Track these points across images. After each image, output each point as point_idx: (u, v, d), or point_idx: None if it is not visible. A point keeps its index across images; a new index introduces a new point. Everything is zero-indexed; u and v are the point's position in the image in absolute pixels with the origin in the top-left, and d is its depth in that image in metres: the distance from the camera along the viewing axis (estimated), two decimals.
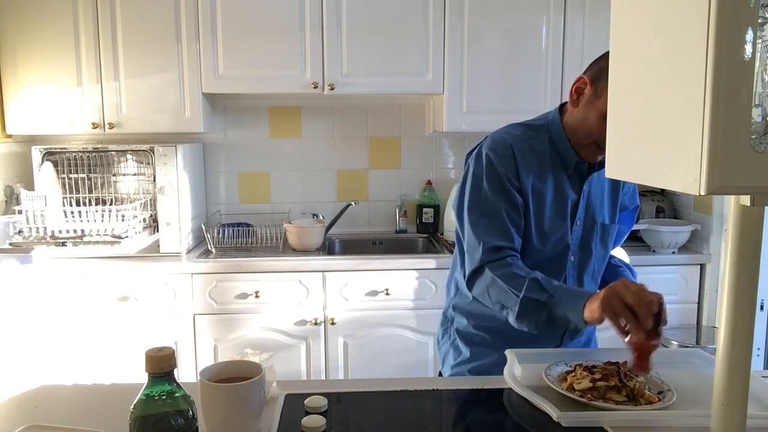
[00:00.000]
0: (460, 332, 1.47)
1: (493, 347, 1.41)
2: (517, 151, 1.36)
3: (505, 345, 1.31)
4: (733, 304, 0.84)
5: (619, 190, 1.45)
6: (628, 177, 0.89)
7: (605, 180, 1.40)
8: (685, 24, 0.72)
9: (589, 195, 1.39)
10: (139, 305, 2.50)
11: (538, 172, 1.36)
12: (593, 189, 1.40)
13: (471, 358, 1.44)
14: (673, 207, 2.94)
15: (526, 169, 1.35)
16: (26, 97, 2.61)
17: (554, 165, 1.37)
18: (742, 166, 0.69)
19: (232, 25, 2.61)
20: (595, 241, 1.41)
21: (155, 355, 0.78)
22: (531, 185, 1.35)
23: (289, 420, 1.04)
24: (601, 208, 1.41)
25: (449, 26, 2.67)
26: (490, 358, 1.41)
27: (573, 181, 1.38)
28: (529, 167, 1.36)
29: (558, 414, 1.03)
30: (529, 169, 1.35)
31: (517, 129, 1.41)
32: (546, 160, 1.37)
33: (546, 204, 1.36)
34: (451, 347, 1.48)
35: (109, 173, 2.67)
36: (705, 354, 1.32)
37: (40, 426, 1.00)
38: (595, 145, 1.30)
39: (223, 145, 3.04)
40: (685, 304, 2.65)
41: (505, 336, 1.38)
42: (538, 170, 1.36)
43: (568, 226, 1.38)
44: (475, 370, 1.42)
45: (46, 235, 2.41)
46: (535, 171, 1.36)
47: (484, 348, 1.43)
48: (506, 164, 1.34)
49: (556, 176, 1.37)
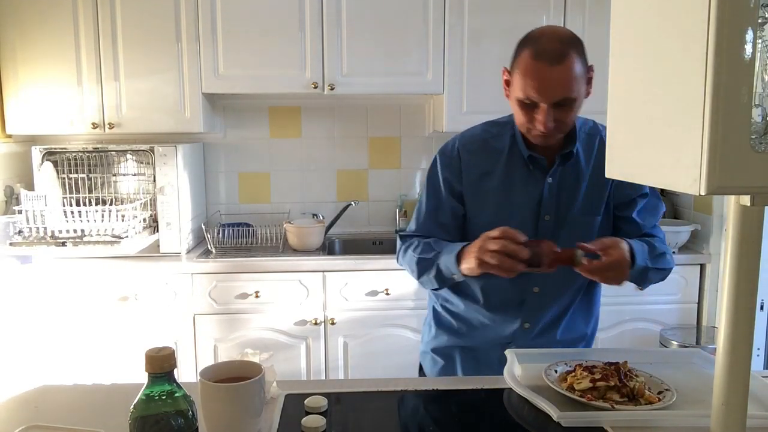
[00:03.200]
0: (434, 311, 1.52)
1: (457, 333, 1.46)
2: (466, 152, 1.40)
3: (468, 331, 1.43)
4: (733, 304, 0.84)
5: (606, 182, 1.39)
6: (629, 177, 0.89)
7: (584, 172, 1.37)
8: (685, 24, 0.72)
9: (558, 188, 1.36)
10: (139, 305, 2.50)
11: (490, 170, 1.38)
12: (565, 182, 1.36)
13: (436, 337, 1.50)
14: (673, 207, 2.94)
15: (472, 170, 1.39)
16: (26, 97, 2.61)
17: (515, 161, 1.37)
18: (742, 166, 0.69)
19: (232, 25, 2.61)
20: (572, 235, 1.35)
21: (155, 355, 0.78)
22: (478, 184, 1.38)
23: (289, 420, 1.04)
24: (575, 201, 1.37)
25: (449, 26, 2.67)
26: (451, 341, 1.47)
27: (536, 176, 1.36)
28: (478, 167, 1.39)
29: (558, 414, 1.03)
30: (477, 169, 1.39)
31: (480, 128, 1.44)
32: (503, 158, 1.38)
33: (496, 201, 1.36)
34: (426, 325, 1.56)
35: (109, 173, 2.68)
36: (705, 354, 1.32)
37: (40, 426, 1.00)
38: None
39: (223, 145, 3.04)
40: (685, 304, 2.65)
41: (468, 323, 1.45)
42: (491, 168, 1.38)
43: (529, 221, 1.36)
44: (437, 350, 1.49)
45: (46, 235, 2.41)
46: (487, 170, 1.38)
47: (448, 331, 1.48)
48: (448, 168, 1.41)
49: (517, 172, 1.37)
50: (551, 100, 1.22)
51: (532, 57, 1.20)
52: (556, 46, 1.20)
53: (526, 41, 1.25)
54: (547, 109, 1.22)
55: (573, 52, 1.20)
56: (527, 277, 1.36)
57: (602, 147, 1.36)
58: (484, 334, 1.44)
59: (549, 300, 1.40)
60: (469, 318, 1.45)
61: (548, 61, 1.19)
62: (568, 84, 1.20)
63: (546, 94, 1.21)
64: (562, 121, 1.25)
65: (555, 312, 1.42)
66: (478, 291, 1.42)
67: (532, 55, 1.20)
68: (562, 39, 1.22)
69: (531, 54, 1.21)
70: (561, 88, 1.21)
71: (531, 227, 1.36)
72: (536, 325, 1.41)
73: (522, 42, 1.26)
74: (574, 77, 1.20)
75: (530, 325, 1.41)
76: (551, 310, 1.41)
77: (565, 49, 1.19)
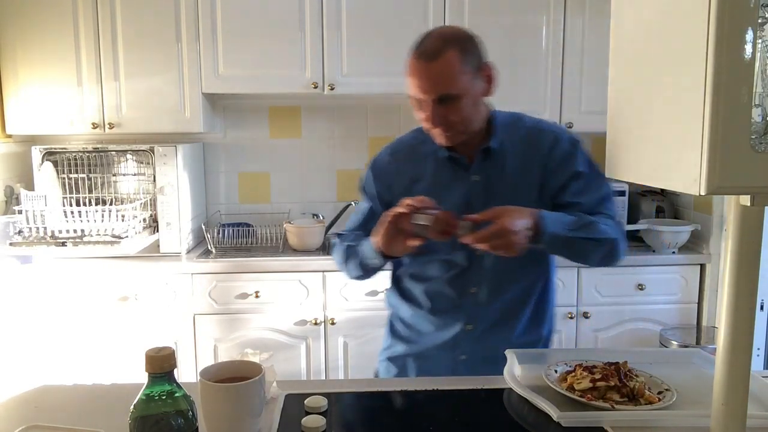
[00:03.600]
0: (390, 321, 1.53)
1: (408, 341, 1.46)
2: (395, 161, 1.43)
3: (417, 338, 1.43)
4: (733, 304, 0.84)
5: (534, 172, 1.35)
6: (629, 177, 0.89)
7: (511, 165, 1.35)
8: (685, 24, 0.72)
9: (486, 185, 1.35)
10: (139, 305, 2.50)
11: (420, 175, 1.39)
12: (492, 178, 1.35)
13: (390, 346, 1.50)
14: (673, 207, 2.94)
15: (403, 177, 1.40)
16: (26, 97, 2.61)
17: (442, 163, 1.37)
18: (742, 166, 0.69)
19: (232, 25, 2.61)
20: None
21: (155, 355, 0.78)
22: (409, 190, 1.36)
23: (289, 420, 1.04)
24: (503, 195, 1.33)
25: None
26: (403, 349, 1.46)
27: (462, 176, 1.36)
28: (408, 173, 1.40)
29: (558, 414, 1.03)
30: (407, 176, 1.40)
31: (409, 134, 1.46)
32: (431, 161, 1.38)
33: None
34: (384, 335, 1.55)
35: (109, 173, 2.68)
36: (705, 354, 1.32)
37: (40, 426, 1.00)
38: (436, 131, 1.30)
39: (223, 145, 3.04)
40: (685, 304, 2.65)
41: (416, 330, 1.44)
42: (421, 173, 1.39)
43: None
44: (392, 359, 1.49)
45: (46, 235, 2.41)
46: (417, 175, 1.39)
47: (401, 339, 1.48)
48: (378, 178, 1.44)
49: (444, 174, 1.37)
50: (431, 95, 1.23)
51: (414, 56, 1.24)
52: (435, 45, 1.23)
53: (416, 42, 1.27)
54: (431, 106, 1.24)
55: (453, 49, 1.22)
56: (465, 278, 1.36)
57: (528, 139, 1.37)
58: (431, 340, 1.42)
59: (489, 300, 1.37)
60: (416, 324, 1.44)
61: (425, 59, 1.22)
62: (447, 79, 1.22)
63: (425, 90, 1.23)
64: (451, 118, 1.26)
65: (499, 313, 1.38)
66: (422, 295, 1.42)
67: (414, 55, 1.24)
68: (445, 37, 1.24)
69: (414, 54, 1.24)
70: (439, 84, 1.22)
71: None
72: (479, 327, 1.38)
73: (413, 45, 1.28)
74: (452, 73, 1.22)
75: (473, 327, 1.38)
76: (494, 311, 1.38)
77: (443, 47, 1.22)
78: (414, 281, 1.43)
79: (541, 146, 1.35)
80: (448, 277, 1.37)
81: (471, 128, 1.31)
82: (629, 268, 2.61)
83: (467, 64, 1.24)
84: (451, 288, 1.38)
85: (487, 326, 1.38)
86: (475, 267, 1.36)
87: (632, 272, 2.61)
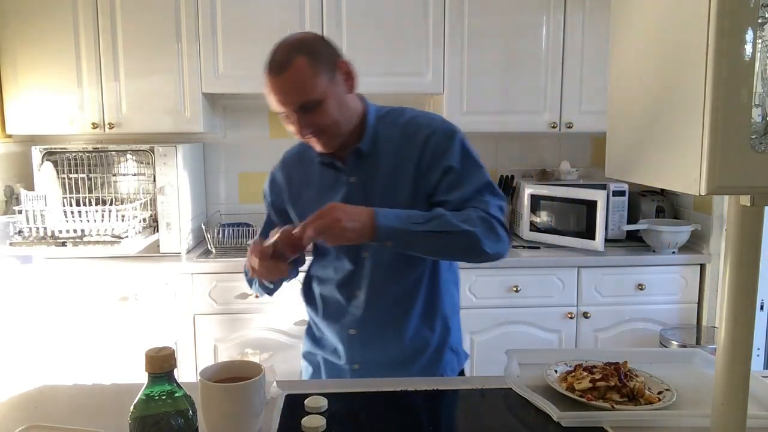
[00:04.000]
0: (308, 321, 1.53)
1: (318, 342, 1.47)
2: (286, 168, 1.45)
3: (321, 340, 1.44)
4: (733, 304, 0.84)
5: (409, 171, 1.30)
6: (629, 177, 0.89)
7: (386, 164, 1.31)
8: (685, 24, 0.72)
9: (364, 185, 1.32)
10: (139, 305, 2.50)
11: (308, 180, 1.39)
12: (369, 178, 1.32)
13: (306, 345, 1.51)
14: (673, 207, 2.94)
15: (293, 184, 1.42)
16: (26, 97, 2.61)
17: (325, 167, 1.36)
18: (742, 166, 0.69)
19: (232, 25, 2.61)
20: None
21: (155, 355, 0.78)
22: (300, 196, 1.39)
23: (289, 420, 1.04)
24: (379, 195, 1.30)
25: (449, 26, 2.67)
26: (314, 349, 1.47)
27: (341, 178, 1.34)
28: (297, 180, 1.41)
29: (558, 414, 1.03)
30: (297, 182, 1.41)
31: (299, 142, 1.42)
32: (317, 166, 1.37)
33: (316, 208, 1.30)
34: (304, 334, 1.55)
35: (109, 173, 2.67)
36: (705, 354, 1.32)
37: (40, 426, 1.00)
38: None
39: (223, 145, 3.04)
40: (685, 304, 2.65)
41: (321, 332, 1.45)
42: (309, 178, 1.39)
43: None
44: (306, 356, 1.51)
45: (46, 235, 2.41)
46: (305, 180, 1.39)
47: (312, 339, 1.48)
48: (272, 188, 1.47)
49: (327, 177, 1.36)
50: (291, 107, 1.22)
51: (266, 73, 1.22)
52: (282, 56, 1.20)
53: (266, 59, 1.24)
54: (295, 118, 1.23)
55: (299, 55, 1.19)
56: (351, 282, 1.35)
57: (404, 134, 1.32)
58: (330, 344, 1.42)
59: (368, 304, 1.34)
60: (319, 327, 1.45)
61: (275, 72, 1.20)
62: (301, 87, 1.20)
63: (284, 103, 1.22)
64: (319, 124, 1.23)
65: (382, 317, 1.35)
66: (319, 298, 1.42)
67: (265, 70, 1.23)
68: (291, 46, 1.22)
69: (265, 70, 1.23)
70: (295, 94, 1.20)
71: None
72: (363, 331, 1.36)
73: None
74: (305, 79, 1.19)
75: (356, 332, 1.36)
76: (376, 315, 1.34)
77: (290, 55, 1.19)
78: (316, 283, 1.44)
79: (416, 142, 1.31)
80: (337, 280, 1.37)
81: (343, 129, 1.28)
82: (629, 268, 2.61)
83: (319, 66, 1.21)
84: (339, 292, 1.37)
85: (371, 331, 1.35)
86: (359, 271, 1.34)
87: (632, 272, 2.61)
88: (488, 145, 3.10)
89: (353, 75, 1.29)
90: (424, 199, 1.30)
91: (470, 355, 2.58)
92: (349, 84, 1.29)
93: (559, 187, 2.78)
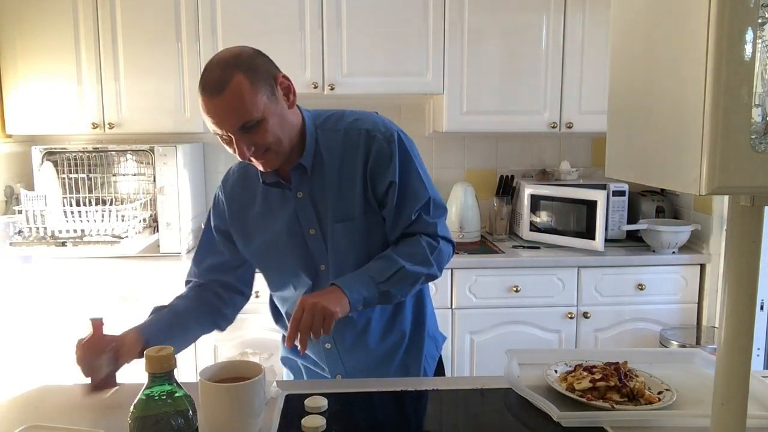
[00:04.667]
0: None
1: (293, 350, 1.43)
2: (228, 185, 1.39)
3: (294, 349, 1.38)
4: (733, 304, 0.84)
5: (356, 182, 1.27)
6: (629, 177, 0.89)
7: (338, 171, 1.27)
8: (685, 24, 0.72)
9: (313, 200, 1.28)
10: (139, 305, 2.50)
11: (251, 197, 1.34)
12: (317, 192, 1.28)
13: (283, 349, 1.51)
14: (673, 207, 2.94)
15: (234, 202, 1.36)
16: (26, 97, 2.61)
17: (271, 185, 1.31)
18: (742, 166, 0.69)
19: (232, 25, 2.61)
20: (337, 245, 1.28)
21: (155, 355, 0.78)
22: (242, 214, 1.35)
23: (289, 420, 1.04)
24: (330, 207, 1.28)
25: (449, 26, 2.67)
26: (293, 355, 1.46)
27: (287, 194, 1.30)
28: (239, 197, 1.36)
29: (558, 414, 1.03)
30: (239, 200, 1.36)
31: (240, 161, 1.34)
32: (259, 185, 1.32)
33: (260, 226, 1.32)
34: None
35: (109, 173, 2.67)
36: (705, 354, 1.32)
37: (40, 426, 1.00)
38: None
39: (223, 145, 3.03)
40: (685, 304, 2.65)
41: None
42: (251, 195, 1.34)
43: (296, 238, 1.30)
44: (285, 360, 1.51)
45: (46, 235, 2.41)
46: (248, 198, 1.34)
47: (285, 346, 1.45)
48: (215, 208, 1.41)
49: (271, 193, 1.31)
50: (231, 128, 1.14)
51: (200, 92, 1.14)
52: (218, 75, 1.12)
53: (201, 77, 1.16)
54: (237, 139, 1.16)
55: (239, 73, 1.11)
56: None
57: (346, 140, 1.28)
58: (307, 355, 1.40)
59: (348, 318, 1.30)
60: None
61: (212, 93, 1.12)
62: (242, 108, 1.12)
63: (223, 126, 1.14)
64: (262, 144, 1.17)
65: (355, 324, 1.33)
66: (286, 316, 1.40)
67: (200, 90, 1.14)
68: (227, 63, 1.13)
69: (200, 89, 1.14)
70: (235, 115, 1.12)
71: (301, 244, 1.30)
72: (338, 344, 1.35)
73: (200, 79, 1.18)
74: (245, 99, 1.11)
75: (332, 345, 1.35)
76: (349, 324, 1.32)
77: (227, 74, 1.11)
78: (279, 302, 1.42)
79: (359, 148, 1.27)
80: (298, 296, 1.31)
81: (286, 146, 1.22)
82: (629, 268, 2.61)
83: (258, 83, 1.14)
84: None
85: (347, 341, 1.34)
86: (319, 284, 1.31)
87: (632, 272, 2.61)
88: (488, 145, 3.10)
89: (292, 90, 1.23)
90: (375, 208, 1.28)
91: (470, 355, 2.58)
92: (291, 100, 1.23)
93: (559, 187, 2.78)
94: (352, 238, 1.28)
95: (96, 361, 1.12)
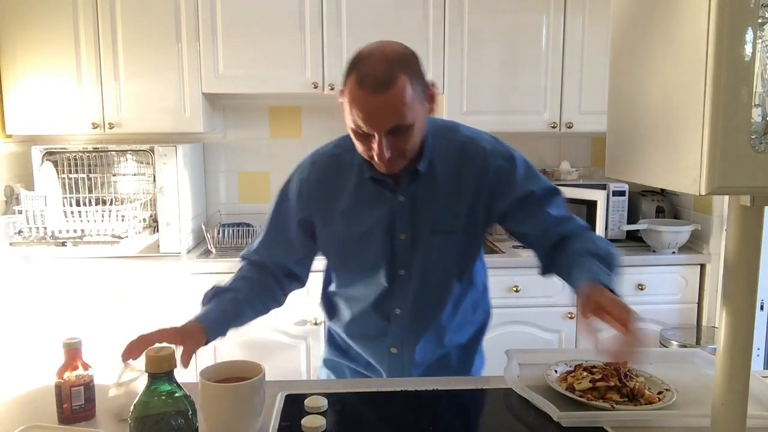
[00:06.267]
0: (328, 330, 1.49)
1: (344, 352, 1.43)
2: (317, 171, 1.29)
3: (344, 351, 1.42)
4: (733, 304, 0.84)
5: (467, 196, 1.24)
6: (629, 177, 0.90)
7: (440, 188, 1.24)
8: (685, 24, 0.72)
9: (414, 206, 1.24)
10: (139, 305, 2.50)
11: (342, 186, 1.27)
12: (420, 200, 1.23)
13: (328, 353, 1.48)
14: (673, 207, 2.94)
15: (323, 189, 1.28)
16: (26, 97, 2.61)
17: (365, 177, 1.24)
18: (742, 166, 0.69)
19: (232, 25, 2.61)
20: (427, 255, 1.25)
21: (155, 355, 0.78)
22: (330, 203, 1.28)
23: (289, 420, 1.04)
24: (429, 219, 1.24)
25: (449, 26, 2.67)
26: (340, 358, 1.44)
27: (386, 194, 1.24)
28: (329, 185, 1.28)
29: (558, 414, 1.03)
30: (328, 188, 1.28)
31: (333, 143, 1.33)
32: (354, 173, 1.25)
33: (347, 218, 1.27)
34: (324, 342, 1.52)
35: (109, 173, 2.67)
36: (705, 354, 1.32)
37: (40, 426, 1.00)
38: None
39: (223, 145, 3.04)
40: (685, 304, 2.65)
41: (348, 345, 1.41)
42: (342, 185, 1.27)
43: (384, 240, 1.25)
44: (327, 363, 1.48)
45: (46, 235, 2.41)
46: (338, 187, 1.27)
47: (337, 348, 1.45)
48: (299, 193, 1.30)
49: (366, 189, 1.24)
50: (381, 129, 1.08)
51: (356, 84, 1.07)
52: (381, 70, 1.06)
53: (353, 63, 1.10)
54: (381, 139, 1.09)
55: (402, 74, 1.07)
56: (390, 300, 1.29)
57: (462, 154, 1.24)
58: (360, 357, 1.39)
59: (415, 321, 1.30)
60: (346, 340, 1.40)
61: (373, 89, 1.05)
62: (399, 112, 1.07)
63: (374, 125, 1.08)
64: (401, 149, 1.13)
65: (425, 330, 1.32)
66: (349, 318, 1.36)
67: (357, 82, 1.07)
68: (391, 60, 1.08)
69: (355, 80, 1.07)
70: (390, 117, 1.07)
71: (387, 246, 1.25)
72: (406, 349, 1.32)
73: (351, 62, 1.11)
74: (404, 103, 1.07)
75: (398, 350, 1.33)
76: (420, 331, 1.31)
77: (392, 73, 1.06)
78: (342, 301, 1.38)
79: (476, 163, 1.24)
80: (372, 299, 1.30)
81: (415, 153, 1.18)
82: (629, 268, 2.61)
83: (416, 89, 1.10)
84: (375, 310, 1.31)
85: (415, 346, 1.32)
86: (395, 288, 1.28)
87: (632, 272, 2.61)
88: None
89: (436, 100, 1.18)
90: (483, 227, 1.29)
91: None
92: (432, 109, 1.18)
93: (559, 187, 2.77)
94: (445, 250, 1.25)
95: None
